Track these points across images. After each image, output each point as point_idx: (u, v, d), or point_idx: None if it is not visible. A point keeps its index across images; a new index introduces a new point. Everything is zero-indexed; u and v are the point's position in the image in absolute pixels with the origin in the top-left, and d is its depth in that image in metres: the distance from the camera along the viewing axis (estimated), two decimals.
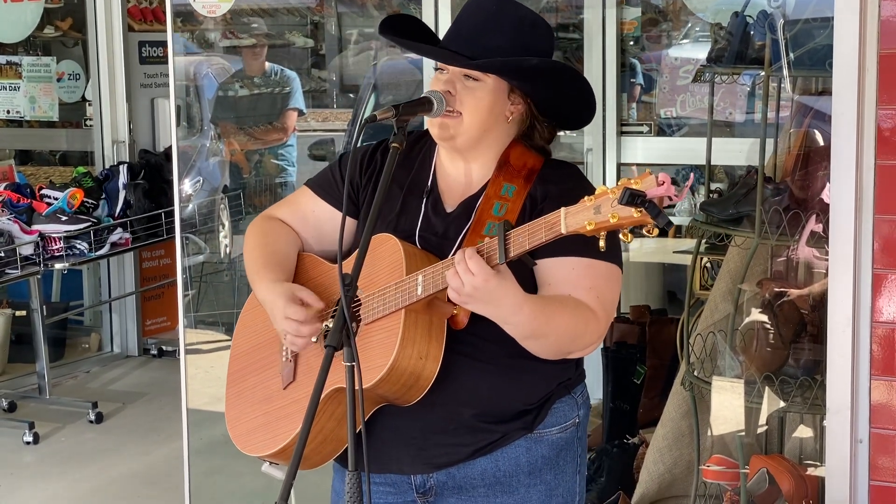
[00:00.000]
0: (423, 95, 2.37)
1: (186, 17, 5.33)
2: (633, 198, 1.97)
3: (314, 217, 2.59)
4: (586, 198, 2.06)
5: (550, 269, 2.31)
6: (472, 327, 2.32)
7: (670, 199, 1.99)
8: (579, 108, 2.48)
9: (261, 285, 2.49)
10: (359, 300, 2.36)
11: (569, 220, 2.08)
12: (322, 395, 2.19)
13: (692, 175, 2.42)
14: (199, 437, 4.64)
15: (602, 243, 2.07)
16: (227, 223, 6.53)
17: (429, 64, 3.99)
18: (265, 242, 2.57)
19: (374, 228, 2.26)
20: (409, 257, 2.33)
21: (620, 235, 2.05)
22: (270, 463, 2.49)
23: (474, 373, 2.36)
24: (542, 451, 2.43)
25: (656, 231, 2.00)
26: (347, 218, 2.41)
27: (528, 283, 2.30)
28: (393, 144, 2.31)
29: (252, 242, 2.58)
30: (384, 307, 2.30)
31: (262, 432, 2.48)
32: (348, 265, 2.27)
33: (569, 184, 2.39)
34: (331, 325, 2.27)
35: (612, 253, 2.29)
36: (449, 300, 2.25)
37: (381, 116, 2.31)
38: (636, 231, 2.06)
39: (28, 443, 5.53)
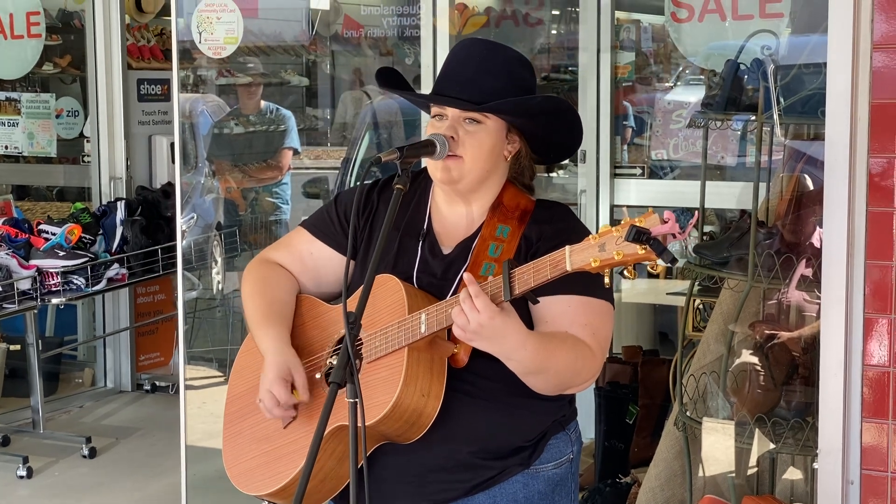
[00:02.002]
0: (426, 138, 2.42)
1: (183, 55, 5.36)
2: (638, 235, 2.02)
3: (312, 259, 2.61)
4: (591, 236, 2.11)
5: (547, 307, 2.35)
6: (472, 366, 2.35)
7: (674, 236, 2.04)
8: (569, 140, 2.54)
9: (261, 338, 2.52)
10: (360, 339, 2.37)
11: (574, 257, 2.12)
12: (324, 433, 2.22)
13: (696, 213, 2.46)
14: (193, 474, 4.63)
15: (606, 280, 2.12)
16: (219, 260, 6.54)
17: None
18: (264, 290, 2.59)
19: (376, 269, 2.29)
20: (411, 297, 2.36)
21: (625, 272, 2.10)
22: (268, 503, 2.51)
23: (474, 410, 2.39)
24: (538, 486, 2.46)
25: (661, 268, 2.05)
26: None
27: (525, 319, 2.33)
28: (397, 186, 2.34)
29: (250, 289, 2.61)
30: (387, 345, 2.33)
31: (261, 471, 2.49)
32: (350, 305, 2.30)
33: (562, 224, 2.45)
34: (334, 363, 2.29)
35: (606, 290, 2.34)
36: (450, 338, 2.29)
37: (385, 158, 2.34)
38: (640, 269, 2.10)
39: (22, 477, 5.52)
